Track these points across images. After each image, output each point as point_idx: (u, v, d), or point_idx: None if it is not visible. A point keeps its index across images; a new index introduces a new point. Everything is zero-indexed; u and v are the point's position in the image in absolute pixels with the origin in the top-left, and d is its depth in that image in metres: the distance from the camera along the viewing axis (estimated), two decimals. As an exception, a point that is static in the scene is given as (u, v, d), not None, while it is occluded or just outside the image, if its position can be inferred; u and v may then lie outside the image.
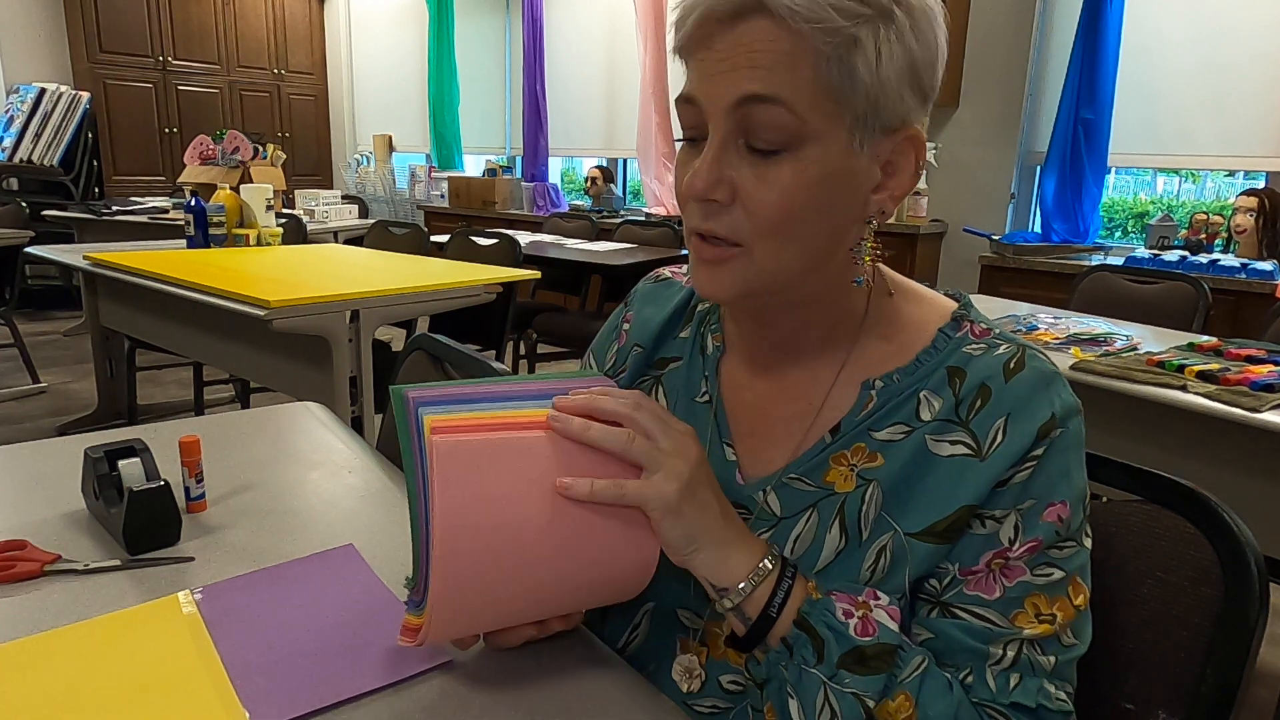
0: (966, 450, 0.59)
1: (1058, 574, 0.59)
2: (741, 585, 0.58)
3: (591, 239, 4.17)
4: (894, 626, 0.57)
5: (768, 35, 0.53)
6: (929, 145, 3.82)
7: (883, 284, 0.67)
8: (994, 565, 0.59)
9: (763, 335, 0.68)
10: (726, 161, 0.57)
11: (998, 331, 0.64)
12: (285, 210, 4.13)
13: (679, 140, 0.62)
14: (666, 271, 0.81)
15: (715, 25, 0.55)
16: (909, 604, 0.62)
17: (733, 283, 0.60)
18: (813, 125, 0.55)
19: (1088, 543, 0.61)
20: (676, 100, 0.60)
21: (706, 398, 0.71)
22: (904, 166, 0.60)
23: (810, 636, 0.57)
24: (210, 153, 4.18)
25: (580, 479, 0.56)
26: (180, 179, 4.31)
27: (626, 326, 0.79)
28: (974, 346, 0.63)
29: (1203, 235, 3.22)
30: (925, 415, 0.62)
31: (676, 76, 5.18)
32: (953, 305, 0.67)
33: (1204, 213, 3.29)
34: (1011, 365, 0.60)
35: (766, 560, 0.59)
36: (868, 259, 0.62)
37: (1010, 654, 0.58)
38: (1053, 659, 0.58)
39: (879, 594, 0.59)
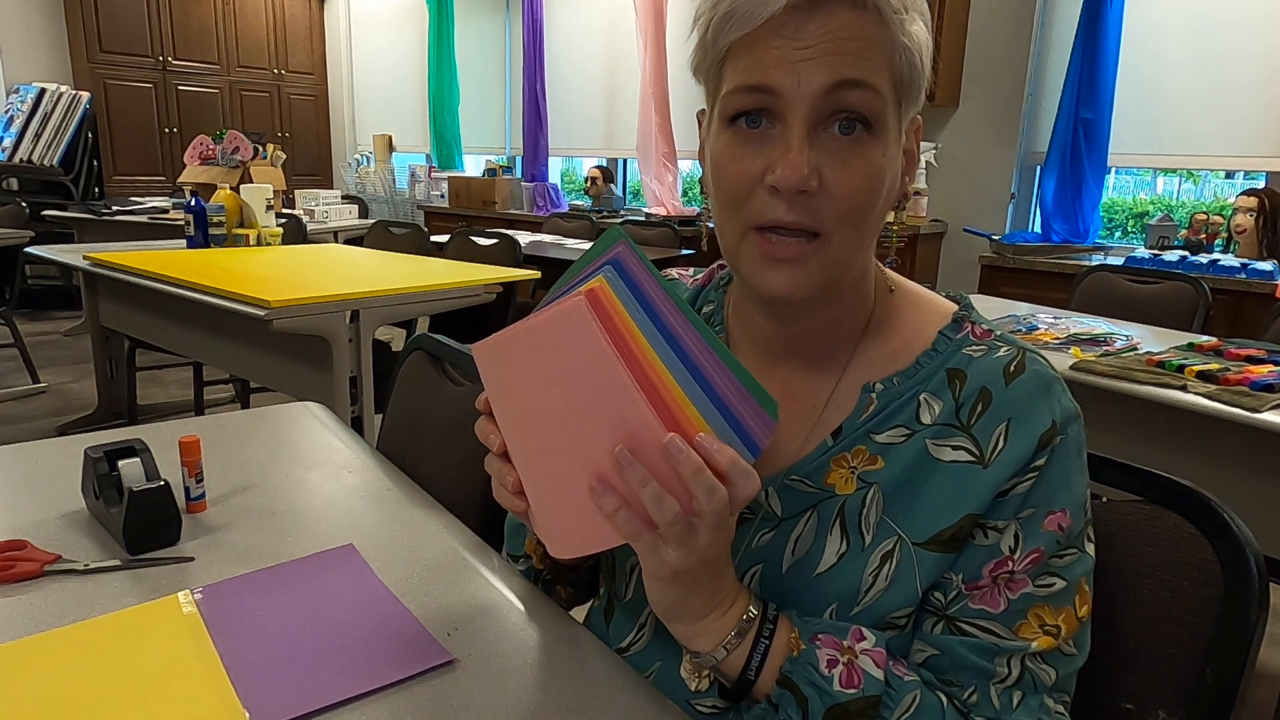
0: (969, 457, 0.60)
1: (1060, 584, 0.59)
2: (720, 647, 0.58)
3: (592, 239, 4.16)
4: (879, 675, 0.57)
5: (854, 23, 0.55)
6: (929, 145, 3.84)
7: (884, 281, 0.68)
8: (999, 579, 0.59)
9: (781, 334, 0.67)
10: (812, 150, 0.56)
11: (999, 333, 0.64)
12: (285, 210, 4.13)
13: (742, 124, 0.58)
14: (674, 273, 0.81)
15: (789, 14, 0.54)
16: (916, 618, 0.62)
17: (813, 278, 0.58)
18: (890, 111, 0.57)
19: (1090, 549, 0.61)
20: (733, 90, 0.57)
21: None
22: (913, 153, 0.63)
23: (794, 695, 0.57)
24: (210, 153, 4.18)
25: (611, 494, 0.52)
26: (180, 179, 4.30)
27: None
28: (974, 348, 0.63)
29: (1203, 235, 3.21)
30: (925, 418, 0.62)
31: (676, 76, 5.12)
32: (953, 307, 0.67)
33: (1204, 213, 3.29)
34: (1011, 368, 0.60)
35: (743, 620, 0.58)
36: (895, 241, 0.63)
37: (1014, 671, 0.58)
38: (1054, 672, 0.59)
39: (865, 633, 0.59)
